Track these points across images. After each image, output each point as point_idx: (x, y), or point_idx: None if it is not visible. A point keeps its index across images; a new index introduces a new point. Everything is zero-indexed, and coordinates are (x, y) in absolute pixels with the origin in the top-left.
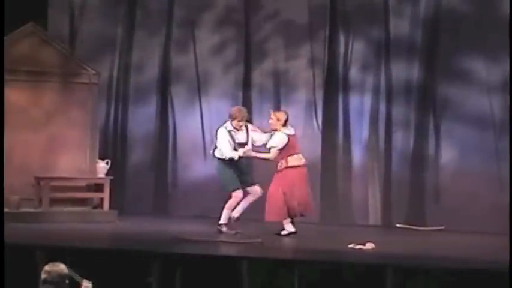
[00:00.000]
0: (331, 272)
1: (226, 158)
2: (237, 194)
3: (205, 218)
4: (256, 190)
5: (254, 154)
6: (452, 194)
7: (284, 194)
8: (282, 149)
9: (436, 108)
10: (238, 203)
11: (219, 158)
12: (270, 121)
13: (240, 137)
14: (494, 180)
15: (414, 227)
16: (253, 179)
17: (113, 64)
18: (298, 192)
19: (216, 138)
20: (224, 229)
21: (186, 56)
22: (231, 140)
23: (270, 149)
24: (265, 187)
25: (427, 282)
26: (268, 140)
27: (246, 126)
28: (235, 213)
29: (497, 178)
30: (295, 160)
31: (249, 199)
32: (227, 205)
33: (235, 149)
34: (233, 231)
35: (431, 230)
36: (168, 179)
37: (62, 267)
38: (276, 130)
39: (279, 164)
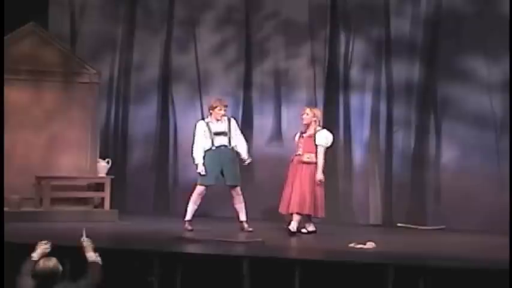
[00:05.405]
0: (332, 272)
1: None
2: (198, 190)
3: (207, 217)
4: (237, 191)
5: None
6: (453, 193)
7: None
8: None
9: (436, 107)
10: (201, 200)
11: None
12: (305, 116)
13: (219, 127)
14: (495, 180)
15: (415, 227)
16: (237, 179)
17: (113, 63)
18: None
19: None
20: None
21: (187, 56)
22: (207, 130)
23: (316, 146)
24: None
25: (427, 281)
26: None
27: (229, 120)
28: (243, 221)
29: (498, 178)
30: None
31: (237, 202)
32: (191, 199)
33: (212, 140)
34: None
35: (431, 230)
36: (169, 178)
37: (54, 262)
38: (308, 125)
39: (307, 157)
